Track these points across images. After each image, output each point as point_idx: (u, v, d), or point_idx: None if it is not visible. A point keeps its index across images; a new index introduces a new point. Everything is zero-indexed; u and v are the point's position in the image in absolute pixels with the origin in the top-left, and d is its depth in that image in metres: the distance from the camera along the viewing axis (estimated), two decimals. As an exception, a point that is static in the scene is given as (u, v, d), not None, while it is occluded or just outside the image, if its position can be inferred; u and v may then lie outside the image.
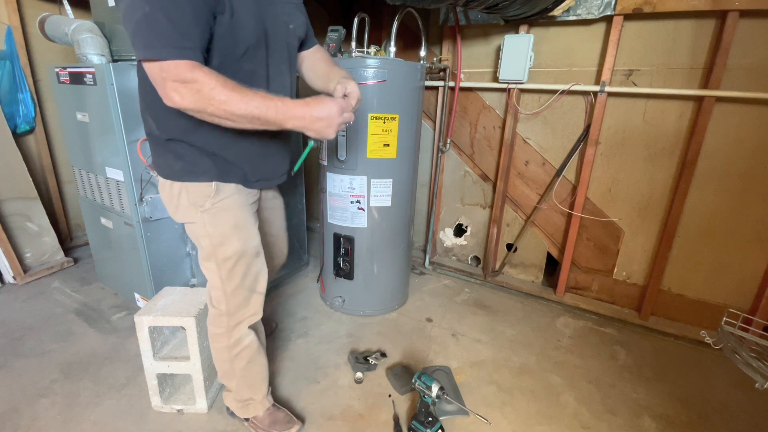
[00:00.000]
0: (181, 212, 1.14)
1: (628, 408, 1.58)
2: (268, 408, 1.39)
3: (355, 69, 1.71)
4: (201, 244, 1.16)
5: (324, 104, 0.94)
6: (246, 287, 1.21)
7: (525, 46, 2.00)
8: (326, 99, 0.96)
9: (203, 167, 1.07)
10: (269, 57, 1.06)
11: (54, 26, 1.90)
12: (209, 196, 1.09)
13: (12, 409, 1.46)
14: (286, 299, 2.26)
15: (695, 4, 1.69)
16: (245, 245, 1.17)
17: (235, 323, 1.23)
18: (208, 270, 1.19)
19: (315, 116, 0.94)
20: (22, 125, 2.41)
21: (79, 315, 2.04)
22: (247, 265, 1.19)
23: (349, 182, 1.87)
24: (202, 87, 0.84)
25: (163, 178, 1.12)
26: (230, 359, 1.28)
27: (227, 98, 0.85)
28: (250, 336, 1.28)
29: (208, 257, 1.16)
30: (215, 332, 1.26)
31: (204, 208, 1.10)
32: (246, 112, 0.87)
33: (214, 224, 1.12)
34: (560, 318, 2.19)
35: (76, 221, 2.83)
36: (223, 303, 1.20)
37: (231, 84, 0.86)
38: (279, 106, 0.91)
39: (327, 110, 0.94)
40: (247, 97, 0.87)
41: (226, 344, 1.25)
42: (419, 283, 2.51)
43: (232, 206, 1.13)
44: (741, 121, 1.77)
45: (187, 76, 0.83)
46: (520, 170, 2.36)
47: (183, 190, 1.09)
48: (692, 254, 2.00)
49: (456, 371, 1.73)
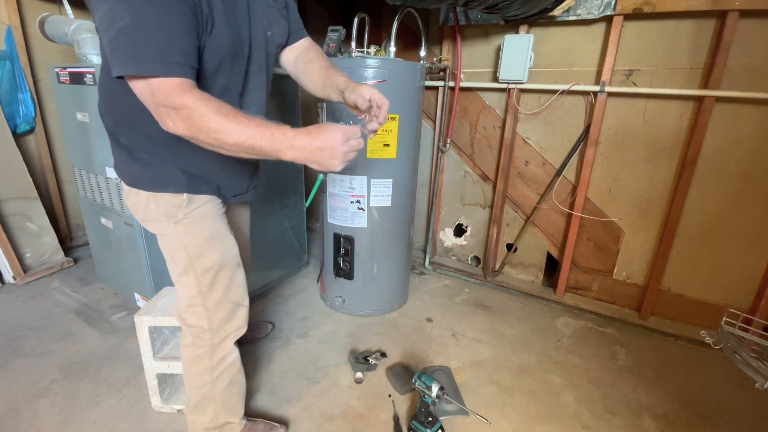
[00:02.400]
0: (152, 223, 1.05)
1: (628, 408, 1.58)
2: (245, 425, 1.31)
3: (355, 69, 1.71)
4: (176, 258, 1.06)
5: (326, 132, 0.82)
6: (230, 300, 1.13)
7: (525, 46, 2.00)
8: (329, 127, 0.83)
9: (172, 179, 0.98)
10: (248, 68, 0.98)
11: (54, 26, 1.90)
12: (181, 206, 1.01)
13: (12, 409, 1.46)
14: (286, 299, 2.27)
15: (695, 4, 1.69)
16: (224, 256, 1.09)
17: (219, 340, 1.14)
18: (185, 286, 1.09)
19: (316, 147, 0.81)
20: (22, 125, 2.41)
21: (79, 315, 2.04)
22: (230, 277, 1.12)
23: (349, 182, 1.87)
24: (192, 114, 0.76)
25: (127, 185, 1.02)
26: (211, 382, 1.17)
27: (219, 126, 0.77)
28: (234, 353, 1.20)
29: (185, 271, 1.06)
30: (194, 354, 1.15)
31: (177, 219, 1.02)
32: (239, 141, 0.78)
33: (189, 235, 1.03)
34: (560, 318, 2.19)
35: (76, 221, 2.83)
36: (204, 320, 1.11)
37: (225, 109, 0.78)
38: (276, 136, 0.80)
39: (330, 139, 0.81)
40: (242, 125, 0.78)
41: (208, 365, 1.15)
42: (419, 283, 2.51)
43: (206, 216, 1.05)
44: (741, 121, 1.77)
45: (176, 101, 0.75)
46: (520, 170, 2.36)
47: (152, 199, 1.00)
48: (692, 254, 2.00)
49: (456, 371, 1.73)
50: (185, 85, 0.77)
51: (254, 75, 1.01)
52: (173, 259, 1.08)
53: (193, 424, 1.26)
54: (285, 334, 1.95)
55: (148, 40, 0.73)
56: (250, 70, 1.00)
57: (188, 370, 1.19)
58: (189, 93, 0.77)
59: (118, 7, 0.72)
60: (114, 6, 0.72)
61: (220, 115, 0.77)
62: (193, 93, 0.77)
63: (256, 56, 0.99)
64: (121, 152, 1.01)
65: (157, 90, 0.75)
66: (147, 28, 0.73)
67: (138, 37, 0.73)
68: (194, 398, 1.21)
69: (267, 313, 2.11)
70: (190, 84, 0.78)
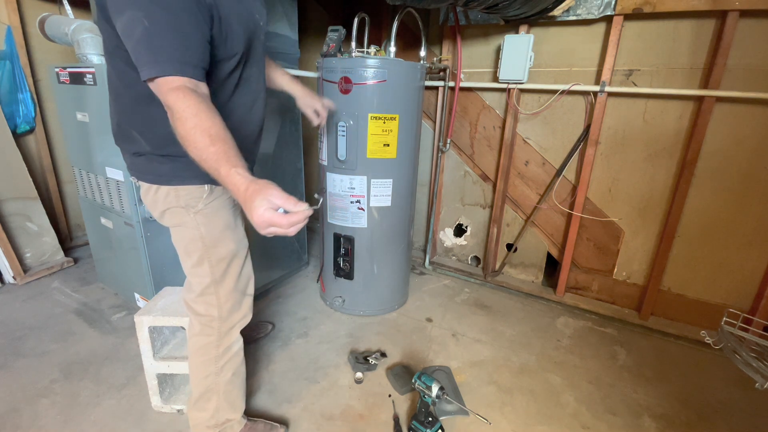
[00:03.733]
0: (170, 216, 1.08)
1: (628, 408, 1.58)
2: (245, 425, 1.33)
3: (355, 69, 1.71)
4: (191, 248, 1.09)
5: (256, 210, 0.75)
6: (239, 289, 1.18)
7: (525, 46, 2.00)
8: (263, 206, 0.75)
9: (196, 171, 0.96)
10: (250, 58, 1.05)
11: (54, 26, 1.90)
12: (202, 197, 1.05)
13: (12, 409, 1.46)
14: (286, 299, 2.27)
15: (695, 4, 1.69)
16: (238, 245, 1.14)
17: (228, 328, 1.18)
18: (199, 276, 1.12)
19: (246, 209, 0.79)
20: (22, 125, 2.41)
21: (79, 315, 2.04)
22: (241, 266, 1.17)
23: (349, 182, 1.87)
24: (173, 113, 0.82)
25: (147, 183, 1.06)
26: (216, 372, 1.20)
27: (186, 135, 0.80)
28: (239, 342, 1.24)
29: (200, 261, 1.10)
30: (203, 343, 1.18)
31: (197, 209, 1.06)
32: (197, 157, 0.81)
33: (208, 225, 1.07)
34: (560, 318, 2.19)
35: (76, 221, 2.83)
36: (215, 308, 1.15)
37: (207, 125, 0.80)
38: (228, 177, 0.80)
39: (254, 216, 0.76)
40: (206, 147, 0.80)
41: (215, 354, 1.19)
42: (419, 283, 2.51)
43: (222, 206, 1.10)
44: (741, 121, 1.77)
45: (165, 98, 0.82)
46: (520, 170, 2.36)
47: (172, 192, 1.04)
48: (692, 254, 2.00)
49: (456, 371, 1.73)
50: (188, 83, 0.83)
51: (256, 64, 1.09)
52: (188, 251, 1.11)
53: (195, 420, 1.27)
54: (285, 334, 1.95)
55: (162, 43, 0.81)
56: (253, 59, 1.07)
57: (194, 360, 1.22)
58: (174, 92, 0.82)
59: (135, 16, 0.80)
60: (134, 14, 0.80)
61: (197, 127, 0.80)
62: (184, 94, 0.82)
63: (256, 44, 1.07)
64: (137, 157, 1.05)
65: (157, 87, 0.83)
66: (161, 32, 0.80)
67: (154, 41, 0.80)
68: (198, 390, 1.23)
69: (267, 313, 2.11)
70: (194, 83, 0.84)
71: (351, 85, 1.73)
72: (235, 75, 1.02)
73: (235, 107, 1.06)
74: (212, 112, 0.84)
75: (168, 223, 1.11)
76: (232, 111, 1.05)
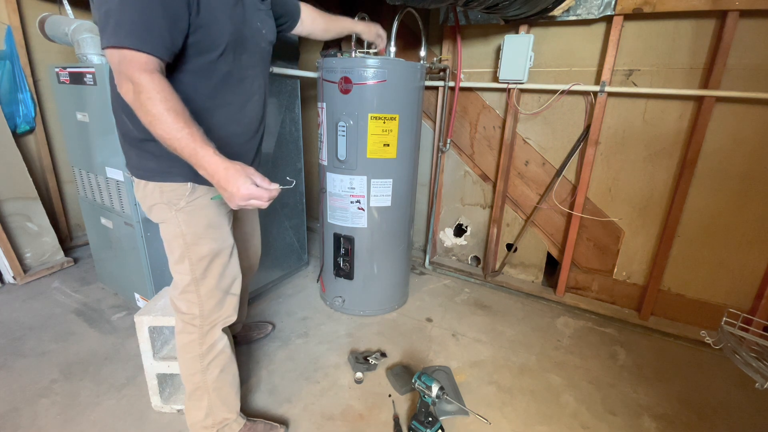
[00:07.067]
0: (156, 212, 1.12)
1: (628, 408, 1.58)
2: (245, 425, 1.32)
3: (355, 69, 1.71)
4: (173, 245, 1.12)
5: (234, 182, 0.88)
6: (221, 288, 1.19)
7: (525, 46, 1.99)
8: (242, 177, 0.88)
9: (179, 169, 1.03)
10: (244, 59, 1.08)
11: (54, 26, 1.90)
12: (184, 194, 1.08)
13: (12, 409, 1.46)
14: (286, 299, 2.27)
15: (695, 4, 1.69)
16: (220, 245, 1.15)
17: (209, 326, 1.19)
18: (180, 273, 1.15)
19: (221, 184, 0.89)
20: (22, 125, 2.41)
21: (79, 315, 2.04)
22: (223, 266, 1.17)
23: (349, 182, 1.87)
24: (141, 91, 0.84)
25: (137, 178, 1.10)
26: (202, 370, 1.21)
27: (156, 114, 0.84)
28: (224, 340, 1.24)
29: (181, 258, 1.13)
30: (187, 340, 1.20)
31: (178, 207, 1.08)
32: (165, 136, 0.86)
33: (189, 223, 1.10)
34: (560, 318, 2.19)
35: (76, 221, 2.83)
36: (196, 306, 1.16)
37: (172, 105, 0.85)
38: (198, 153, 0.87)
39: (233, 188, 0.88)
40: (176, 125, 0.85)
41: (198, 352, 1.20)
42: (419, 283, 2.51)
43: (206, 205, 1.11)
44: (741, 121, 1.77)
45: (134, 75, 0.83)
46: (520, 170, 2.36)
47: (157, 189, 1.08)
48: (692, 254, 2.00)
49: (456, 371, 1.73)
50: (150, 63, 0.85)
51: (252, 67, 1.13)
52: (170, 248, 1.14)
53: (191, 420, 1.27)
54: (285, 334, 1.95)
55: (127, 18, 0.83)
56: (249, 62, 1.11)
57: (180, 358, 1.23)
58: (148, 73, 0.85)
59: None
60: None
61: (164, 105, 0.84)
62: (153, 75, 0.85)
63: (252, 49, 1.12)
64: (132, 148, 1.08)
65: (124, 59, 0.84)
66: (129, 8, 0.83)
67: (120, 15, 0.83)
68: (188, 388, 1.25)
69: (267, 313, 2.11)
70: (155, 63, 0.87)
71: (351, 85, 1.73)
72: (220, 69, 1.03)
73: (220, 103, 1.07)
74: (177, 95, 0.88)
75: (155, 219, 1.14)
76: (218, 107, 1.07)
